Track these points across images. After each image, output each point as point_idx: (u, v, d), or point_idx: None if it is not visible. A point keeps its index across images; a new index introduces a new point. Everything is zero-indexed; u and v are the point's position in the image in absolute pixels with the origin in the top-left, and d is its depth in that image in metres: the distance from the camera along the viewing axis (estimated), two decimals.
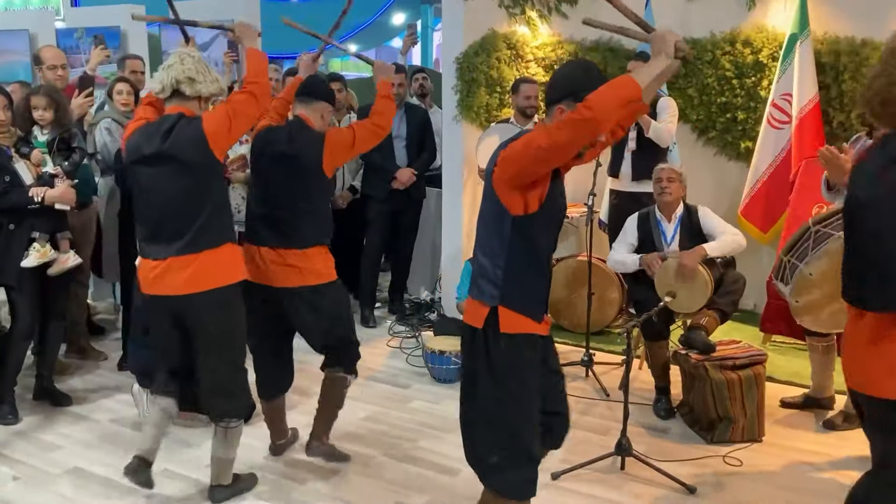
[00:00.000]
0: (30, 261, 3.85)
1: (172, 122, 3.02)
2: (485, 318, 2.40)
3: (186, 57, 3.07)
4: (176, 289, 3.00)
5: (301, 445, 3.67)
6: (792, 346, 4.86)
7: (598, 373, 4.53)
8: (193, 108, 3.08)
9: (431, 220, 6.01)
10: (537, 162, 2.30)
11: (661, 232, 4.20)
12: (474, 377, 2.45)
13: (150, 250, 3.06)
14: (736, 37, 5.30)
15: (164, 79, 3.04)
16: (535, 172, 2.32)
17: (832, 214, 2.82)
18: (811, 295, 2.82)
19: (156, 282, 3.04)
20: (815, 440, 3.76)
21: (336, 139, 3.37)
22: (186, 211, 2.99)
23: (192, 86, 3.03)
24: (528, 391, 2.43)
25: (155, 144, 2.98)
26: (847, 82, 4.83)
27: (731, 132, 5.47)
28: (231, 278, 3.09)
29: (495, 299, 2.39)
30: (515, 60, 5.52)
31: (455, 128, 5.43)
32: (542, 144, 2.25)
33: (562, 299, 5.31)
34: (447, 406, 4.16)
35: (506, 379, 2.40)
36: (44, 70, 4.77)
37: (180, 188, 2.98)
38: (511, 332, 2.39)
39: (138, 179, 3.08)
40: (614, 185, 5.11)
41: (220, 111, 3.04)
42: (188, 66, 3.03)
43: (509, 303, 2.38)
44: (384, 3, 15.01)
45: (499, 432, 2.43)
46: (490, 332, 2.39)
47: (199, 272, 2.99)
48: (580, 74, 2.41)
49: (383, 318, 5.66)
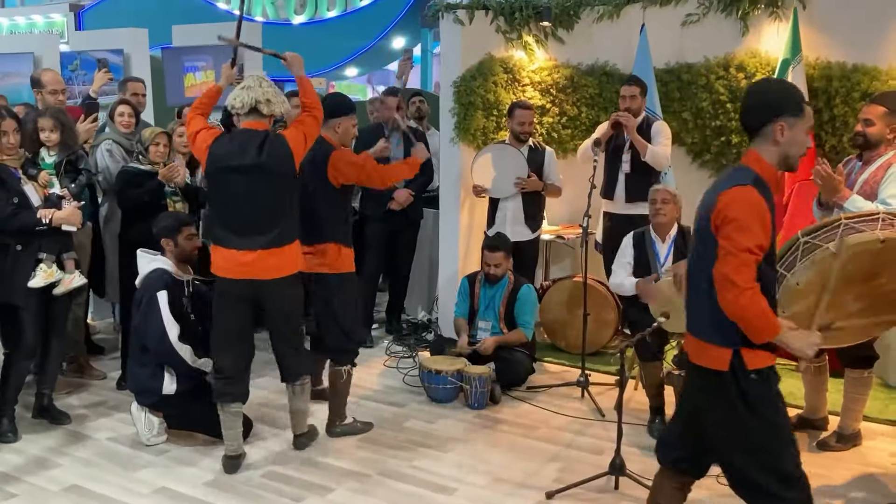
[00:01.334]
0: (37, 281, 3.89)
1: (262, 138, 3.58)
2: (729, 360, 2.45)
3: (263, 80, 3.66)
4: (265, 274, 3.59)
5: (291, 467, 3.72)
6: (785, 366, 4.88)
7: (593, 393, 4.56)
8: (266, 124, 3.66)
9: (428, 240, 6.06)
10: None
11: (655, 252, 4.25)
12: (729, 417, 2.48)
13: (239, 243, 3.58)
14: (730, 61, 5.38)
15: (244, 98, 3.59)
16: None
17: (822, 226, 2.85)
18: (798, 306, 2.83)
19: (246, 268, 3.57)
20: (808, 460, 3.71)
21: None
22: (277, 211, 3.59)
23: (268, 106, 3.62)
24: (783, 416, 2.52)
25: (251, 157, 3.53)
26: (839, 107, 4.90)
27: (725, 155, 5.52)
28: (299, 267, 3.75)
29: (737, 342, 2.43)
30: (512, 84, 5.60)
31: (452, 150, 5.50)
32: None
33: (558, 320, 5.34)
34: (443, 425, 4.19)
35: (764, 410, 2.46)
36: (44, 94, 4.80)
37: (272, 193, 3.58)
38: (759, 367, 2.45)
39: (227, 185, 3.59)
40: (608, 208, 5.17)
41: (298, 132, 3.64)
42: (266, 88, 3.62)
43: (750, 342, 2.43)
44: (384, 27, 15.17)
45: (768, 461, 2.47)
46: (739, 372, 2.44)
47: (283, 262, 3.62)
48: (782, 89, 2.53)
49: (380, 338, 5.70)
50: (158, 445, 3.92)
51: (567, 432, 4.12)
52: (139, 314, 3.87)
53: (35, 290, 3.88)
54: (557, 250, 6.09)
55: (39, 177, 3.97)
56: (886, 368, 4.55)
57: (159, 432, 3.95)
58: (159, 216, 4.10)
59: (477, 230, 5.57)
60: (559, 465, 3.74)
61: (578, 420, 4.28)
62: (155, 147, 4.53)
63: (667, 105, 5.55)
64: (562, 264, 6.21)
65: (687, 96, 5.54)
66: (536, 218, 5.22)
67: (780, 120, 2.39)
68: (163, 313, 3.80)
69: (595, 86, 5.72)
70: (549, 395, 4.63)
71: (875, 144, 3.60)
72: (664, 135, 4.97)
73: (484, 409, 4.40)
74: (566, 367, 5.08)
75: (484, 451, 3.90)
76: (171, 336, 3.80)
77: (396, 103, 5.41)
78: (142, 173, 4.50)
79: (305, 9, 15.38)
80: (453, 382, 4.46)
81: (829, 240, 2.75)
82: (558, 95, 5.74)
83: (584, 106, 5.77)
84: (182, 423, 4.01)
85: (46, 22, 14.09)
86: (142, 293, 3.89)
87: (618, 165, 5.05)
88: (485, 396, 4.42)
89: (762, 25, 5.30)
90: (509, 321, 4.81)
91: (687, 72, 5.52)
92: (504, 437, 4.07)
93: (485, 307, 4.86)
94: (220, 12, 15.46)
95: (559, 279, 5.48)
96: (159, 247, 4.01)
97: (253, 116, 3.62)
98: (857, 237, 2.69)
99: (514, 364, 4.67)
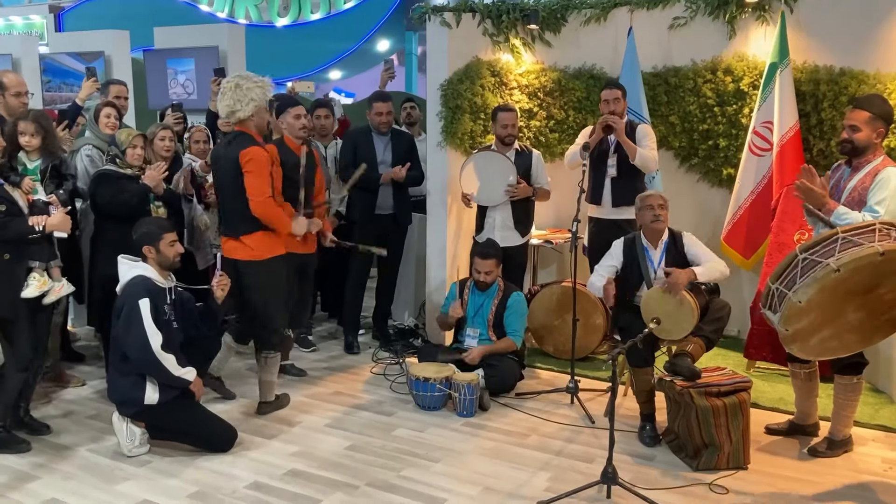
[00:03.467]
0: (30, 291, 3.79)
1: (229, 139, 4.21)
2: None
3: (228, 90, 4.00)
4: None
5: (277, 478, 3.65)
6: (776, 371, 4.88)
7: (583, 399, 4.51)
8: (249, 126, 4.09)
9: (415, 245, 6.00)
10: None
11: (647, 258, 4.22)
12: None
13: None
14: (717, 65, 5.37)
15: (221, 109, 4.07)
16: None
17: (819, 241, 2.83)
18: (800, 323, 2.82)
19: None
20: (799, 467, 3.75)
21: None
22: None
23: (234, 115, 4.05)
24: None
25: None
26: (826, 110, 4.90)
27: (713, 159, 5.52)
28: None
29: None
30: (499, 87, 5.56)
31: (440, 154, 5.45)
32: None
33: (546, 325, 5.30)
34: (432, 434, 4.13)
35: None
36: (7, 97, 4.58)
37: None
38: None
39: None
40: (594, 213, 5.14)
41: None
42: (227, 100, 4.00)
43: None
44: (368, 29, 15.10)
45: None
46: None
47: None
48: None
49: (367, 345, 5.63)
50: (140, 457, 3.83)
51: (557, 440, 4.07)
52: (120, 323, 3.77)
53: (24, 300, 3.78)
54: (545, 255, 6.06)
55: (23, 183, 3.86)
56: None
57: (141, 443, 3.86)
58: (139, 222, 4.00)
59: (465, 235, 5.52)
60: (550, 473, 3.69)
61: (569, 427, 4.23)
62: (133, 150, 4.45)
63: (654, 109, 5.54)
64: (549, 269, 6.18)
65: (674, 100, 5.53)
66: (526, 223, 5.18)
67: None
68: (145, 322, 3.70)
69: (582, 89, 5.69)
70: (538, 402, 4.58)
71: (863, 150, 3.57)
72: (650, 138, 4.95)
73: (473, 417, 4.35)
74: (555, 373, 5.04)
75: (474, 460, 3.84)
76: (154, 345, 3.71)
77: (388, 108, 5.35)
78: (124, 177, 4.41)
79: (289, 11, 15.29)
80: (442, 390, 4.40)
81: (828, 255, 2.72)
82: (546, 99, 5.71)
83: (572, 109, 5.74)
84: (165, 434, 3.91)
85: (26, 23, 13.92)
86: (122, 301, 3.79)
87: (603, 170, 5.02)
88: (474, 404, 4.37)
89: (749, 29, 5.30)
90: (498, 328, 4.76)
91: (674, 75, 5.51)
92: (494, 445, 4.02)
93: (474, 314, 4.81)
94: (203, 14, 15.34)
95: (547, 284, 5.44)
96: (138, 252, 3.91)
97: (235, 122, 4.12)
98: (857, 251, 2.66)
99: (504, 371, 4.62)
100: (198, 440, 3.90)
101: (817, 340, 2.91)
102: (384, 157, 5.37)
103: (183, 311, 3.98)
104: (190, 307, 4.05)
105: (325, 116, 5.67)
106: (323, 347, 5.59)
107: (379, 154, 5.36)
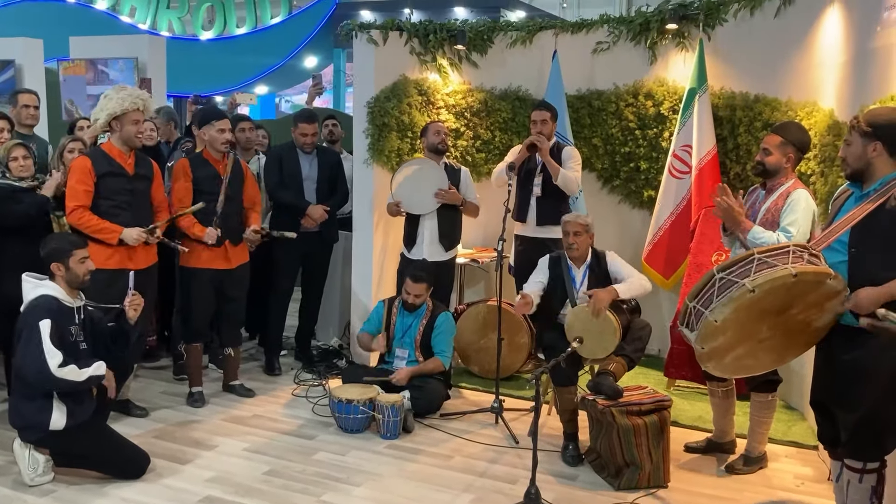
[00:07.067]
0: None
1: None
2: None
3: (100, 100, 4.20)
4: None
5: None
6: (695, 390, 4.97)
7: (507, 419, 4.50)
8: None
9: (340, 263, 5.91)
10: None
11: (571, 277, 4.27)
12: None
13: None
14: (639, 89, 5.50)
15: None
16: None
17: (735, 262, 2.90)
18: (716, 341, 2.88)
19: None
20: (717, 484, 3.82)
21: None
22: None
23: (96, 123, 4.28)
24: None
25: None
26: (742, 135, 5.06)
27: (634, 181, 5.64)
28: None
29: None
30: (426, 106, 5.56)
31: (366, 171, 5.39)
32: None
33: (471, 344, 5.28)
34: (354, 457, 4.04)
35: None
36: None
37: None
38: None
39: None
40: (520, 230, 5.16)
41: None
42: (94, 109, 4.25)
43: None
44: (296, 45, 14.96)
45: None
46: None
47: None
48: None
49: (289, 366, 5.49)
50: (44, 486, 3.61)
51: (481, 461, 4.04)
52: (20, 345, 3.56)
53: None
54: (471, 273, 6.05)
55: None
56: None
57: (45, 471, 3.64)
58: (48, 238, 3.80)
59: (392, 252, 5.46)
60: (473, 496, 3.65)
61: (492, 448, 4.21)
62: (14, 162, 4.28)
63: (578, 131, 5.63)
64: (476, 288, 6.18)
65: (597, 122, 5.63)
66: (451, 237, 5.14)
67: None
68: (43, 343, 3.47)
69: (508, 110, 5.74)
70: (463, 422, 4.54)
71: (773, 173, 3.70)
72: (574, 160, 5.01)
73: (397, 439, 4.27)
74: (481, 393, 5.02)
75: (396, 483, 3.77)
76: (51, 365, 3.47)
77: (314, 129, 5.26)
78: (19, 189, 4.23)
79: (214, 25, 15.03)
80: (365, 412, 4.31)
81: (744, 275, 2.79)
82: (472, 119, 5.73)
83: (498, 130, 5.78)
84: (70, 461, 3.70)
85: None
86: (23, 323, 3.57)
87: (529, 189, 5.05)
88: (398, 426, 4.30)
89: (669, 55, 5.44)
90: (426, 349, 4.71)
91: (597, 98, 5.62)
92: (417, 467, 3.95)
93: (401, 335, 4.75)
94: (123, 25, 14.93)
95: (473, 303, 5.43)
96: (46, 269, 3.71)
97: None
98: (771, 272, 2.73)
99: (430, 391, 4.57)
100: (107, 467, 3.70)
101: (732, 358, 2.96)
102: (310, 174, 5.28)
103: (93, 331, 3.80)
104: (101, 327, 3.87)
105: (249, 129, 5.56)
106: (242, 368, 5.42)
107: (304, 170, 5.27)
